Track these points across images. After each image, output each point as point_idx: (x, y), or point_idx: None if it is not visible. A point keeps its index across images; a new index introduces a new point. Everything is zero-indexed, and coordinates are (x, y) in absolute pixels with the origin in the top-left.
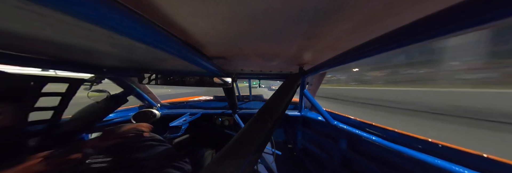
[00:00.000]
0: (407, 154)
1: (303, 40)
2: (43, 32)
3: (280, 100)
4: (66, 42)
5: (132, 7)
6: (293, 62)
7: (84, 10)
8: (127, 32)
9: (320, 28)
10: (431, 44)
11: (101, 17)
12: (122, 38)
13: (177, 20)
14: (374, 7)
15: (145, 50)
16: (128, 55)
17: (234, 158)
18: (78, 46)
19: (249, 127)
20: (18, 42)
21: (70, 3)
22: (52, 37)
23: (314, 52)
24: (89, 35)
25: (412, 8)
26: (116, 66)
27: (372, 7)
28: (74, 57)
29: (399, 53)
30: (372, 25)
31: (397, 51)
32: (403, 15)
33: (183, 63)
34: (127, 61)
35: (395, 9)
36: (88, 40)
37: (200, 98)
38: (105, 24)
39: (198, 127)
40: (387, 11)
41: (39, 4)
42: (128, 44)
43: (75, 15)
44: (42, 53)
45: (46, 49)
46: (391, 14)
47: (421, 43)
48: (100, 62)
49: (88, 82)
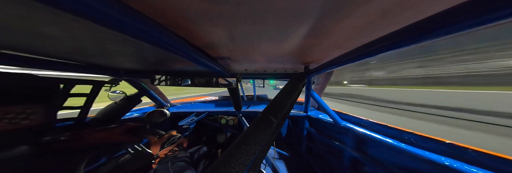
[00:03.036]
0: (426, 157)
1: (308, 38)
2: (69, 37)
3: (285, 100)
4: (88, 47)
5: (141, 11)
6: (298, 61)
7: (102, 15)
8: (142, 36)
9: (326, 25)
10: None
11: (118, 22)
12: (134, 41)
13: (183, 22)
14: (383, 3)
15: (156, 52)
16: (142, 58)
17: (239, 158)
18: (99, 50)
19: (253, 127)
20: (48, 47)
21: (91, 10)
22: (75, 41)
23: (319, 51)
24: (107, 39)
25: (428, 2)
26: (131, 69)
27: (383, 2)
28: (96, 61)
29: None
30: (381, 22)
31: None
32: (418, 10)
33: (190, 64)
34: (140, 63)
35: (409, 3)
36: (106, 44)
37: (206, 99)
38: (122, 29)
39: (204, 127)
40: (400, 6)
41: (71, 13)
42: (140, 46)
43: (95, 21)
44: (68, 58)
45: (72, 54)
46: (404, 8)
47: (435, 39)
48: (117, 65)
49: (108, 83)
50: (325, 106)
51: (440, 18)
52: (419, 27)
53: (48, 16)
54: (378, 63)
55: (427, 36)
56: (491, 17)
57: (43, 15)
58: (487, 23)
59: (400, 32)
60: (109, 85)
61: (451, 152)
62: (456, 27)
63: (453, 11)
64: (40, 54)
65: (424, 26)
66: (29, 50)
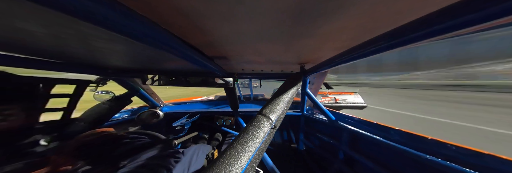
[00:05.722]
0: (411, 154)
1: (304, 39)
2: (51, 34)
3: (281, 100)
4: (70, 43)
5: (134, 8)
6: (294, 61)
7: (88, 11)
8: (130, 33)
9: (321, 26)
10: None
11: (106, 19)
12: (125, 39)
13: (178, 20)
14: (375, 4)
15: (148, 50)
16: (131, 56)
17: (236, 157)
18: (83, 47)
19: (250, 127)
20: (25, 45)
21: (75, 6)
22: (58, 39)
23: (315, 51)
24: (93, 36)
25: (415, 6)
26: (120, 67)
27: (374, 5)
28: (79, 58)
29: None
30: (373, 23)
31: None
32: (406, 13)
33: (185, 63)
34: (131, 62)
35: (397, 7)
36: (92, 41)
37: (202, 98)
38: (109, 26)
39: (200, 127)
40: (389, 9)
41: (48, 7)
42: (131, 44)
43: (80, 17)
44: (48, 55)
45: (52, 51)
46: (393, 11)
47: (425, 41)
48: (104, 63)
49: (94, 83)
50: (320, 106)
51: (431, 19)
52: (408, 30)
53: (26, 11)
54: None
55: (415, 38)
56: (481, 16)
57: (20, 10)
58: (480, 23)
59: (394, 33)
60: (95, 85)
61: (433, 148)
62: (445, 28)
63: (439, 15)
64: (17, 51)
65: (412, 28)
66: (5, 47)
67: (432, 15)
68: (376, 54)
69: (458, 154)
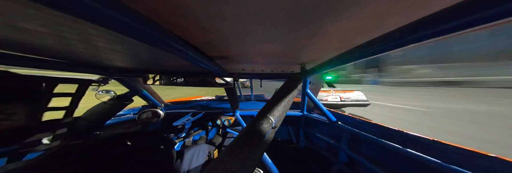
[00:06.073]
0: (412, 155)
1: (305, 39)
2: (55, 34)
3: (281, 100)
4: (74, 43)
5: (136, 9)
6: (295, 61)
7: (91, 12)
8: (133, 34)
9: (322, 27)
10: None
11: (109, 19)
12: (127, 39)
13: (179, 21)
14: (377, 5)
15: (150, 50)
16: (133, 56)
17: (236, 157)
18: (86, 47)
19: (251, 127)
20: (30, 44)
21: (79, 7)
22: (62, 39)
23: (316, 52)
24: (96, 36)
25: (415, 6)
26: (122, 67)
27: (375, 5)
28: (83, 58)
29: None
30: (374, 24)
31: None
32: (407, 14)
33: (186, 63)
34: (132, 61)
35: (398, 7)
36: (95, 41)
37: (203, 98)
38: (112, 26)
39: (200, 127)
40: (391, 9)
41: (54, 8)
42: (133, 44)
43: (84, 18)
44: (52, 55)
45: (56, 51)
46: (395, 12)
47: (426, 41)
48: (107, 63)
49: (95, 82)
50: (320, 106)
51: (433, 19)
52: (408, 30)
53: (31, 12)
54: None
55: (415, 38)
56: (478, 18)
57: (26, 11)
58: (483, 23)
59: (394, 33)
60: (97, 84)
61: (434, 149)
62: (446, 28)
63: (439, 16)
64: (20, 51)
65: (412, 29)
66: (9, 47)
67: (433, 15)
68: (376, 54)
69: (458, 155)
